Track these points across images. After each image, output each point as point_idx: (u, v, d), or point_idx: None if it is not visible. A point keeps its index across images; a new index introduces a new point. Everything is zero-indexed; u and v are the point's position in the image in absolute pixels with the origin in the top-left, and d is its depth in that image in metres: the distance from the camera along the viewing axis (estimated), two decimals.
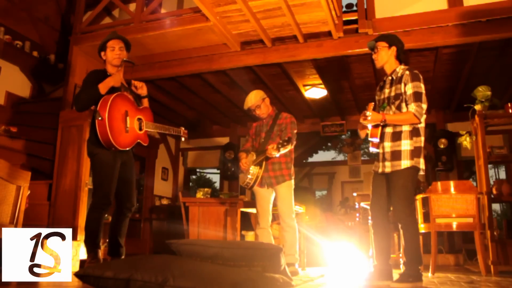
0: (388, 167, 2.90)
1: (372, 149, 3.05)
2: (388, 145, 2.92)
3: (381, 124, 2.92)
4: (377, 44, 3.07)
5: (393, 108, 2.94)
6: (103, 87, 3.12)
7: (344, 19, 4.66)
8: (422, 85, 2.89)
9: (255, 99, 3.75)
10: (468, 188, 3.97)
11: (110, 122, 3.00)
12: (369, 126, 3.01)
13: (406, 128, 2.89)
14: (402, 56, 3.07)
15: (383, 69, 3.11)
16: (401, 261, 4.02)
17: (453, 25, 4.31)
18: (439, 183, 4.08)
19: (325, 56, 4.87)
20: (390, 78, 3.04)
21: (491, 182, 4.26)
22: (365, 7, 4.58)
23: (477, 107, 4.21)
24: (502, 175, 8.81)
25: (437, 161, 6.80)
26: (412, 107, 2.82)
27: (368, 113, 2.84)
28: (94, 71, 3.33)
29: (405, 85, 2.89)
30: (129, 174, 3.33)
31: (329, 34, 4.65)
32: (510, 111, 4.13)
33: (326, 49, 4.74)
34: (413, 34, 4.40)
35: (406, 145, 2.86)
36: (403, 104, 2.90)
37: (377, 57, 3.07)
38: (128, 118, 3.15)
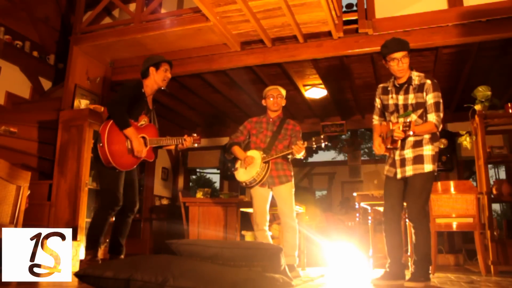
0: (409, 170, 2.97)
1: (384, 153, 3.10)
2: (409, 151, 2.99)
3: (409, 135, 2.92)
4: (404, 54, 2.95)
5: (415, 116, 2.98)
6: (128, 132, 3.16)
7: (344, 19, 4.66)
8: (440, 94, 2.95)
9: (282, 90, 3.80)
10: (468, 188, 3.97)
11: (109, 147, 3.09)
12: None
13: (426, 136, 2.97)
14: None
15: (393, 74, 3.08)
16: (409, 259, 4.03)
17: (453, 25, 4.31)
18: (439, 183, 4.08)
19: (325, 56, 4.88)
20: (406, 85, 3.02)
21: (491, 182, 4.26)
22: (365, 7, 4.58)
23: (477, 107, 4.21)
24: (502, 175, 8.81)
25: (438, 161, 6.79)
26: (433, 117, 2.90)
27: (410, 132, 2.81)
28: (136, 85, 3.39)
29: (426, 94, 2.94)
30: (132, 176, 3.41)
31: (329, 34, 4.65)
32: (510, 111, 4.13)
33: (326, 49, 4.74)
34: (413, 34, 4.40)
35: (428, 150, 2.96)
36: (424, 113, 2.97)
37: (403, 66, 2.96)
38: (128, 140, 3.21)
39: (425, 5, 4.44)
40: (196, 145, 3.50)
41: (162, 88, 3.50)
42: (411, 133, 2.82)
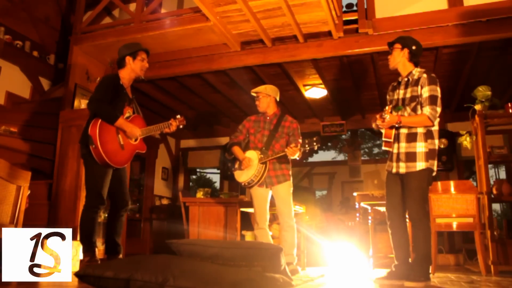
0: (402, 168, 2.95)
1: (385, 148, 3.11)
2: (403, 146, 2.97)
3: (396, 125, 2.96)
4: (394, 46, 3.13)
5: (409, 109, 2.99)
6: (119, 123, 3.17)
7: (344, 19, 4.66)
8: (439, 89, 2.94)
9: (264, 89, 3.79)
10: (468, 188, 3.97)
11: (103, 147, 3.07)
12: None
13: (420, 130, 2.94)
14: (416, 59, 3.11)
15: (397, 70, 3.16)
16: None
17: (453, 25, 4.31)
18: (439, 183, 4.08)
19: (325, 56, 4.87)
20: (406, 79, 3.08)
21: (491, 182, 4.25)
22: (365, 7, 4.58)
23: (477, 107, 4.21)
24: (502, 175, 8.82)
25: (437, 161, 6.77)
26: (427, 110, 2.89)
27: (386, 116, 2.87)
28: (110, 77, 3.38)
29: (421, 87, 2.95)
30: (122, 173, 3.37)
31: (329, 34, 4.65)
32: (510, 111, 4.12)
33: (326, 49, 4.74)
34: (413, 34, 4.36)
35: (421, 147, 2.92)
36: (419, 107, 2.95)
37: (390, 57, 3.16)
38: (119, 135, 3.21)
39: (425, 5, 4.44)
40: (181, 126, 3.54)
41: (141, 77, 3.44)
42: (387, 116, 2.85)
